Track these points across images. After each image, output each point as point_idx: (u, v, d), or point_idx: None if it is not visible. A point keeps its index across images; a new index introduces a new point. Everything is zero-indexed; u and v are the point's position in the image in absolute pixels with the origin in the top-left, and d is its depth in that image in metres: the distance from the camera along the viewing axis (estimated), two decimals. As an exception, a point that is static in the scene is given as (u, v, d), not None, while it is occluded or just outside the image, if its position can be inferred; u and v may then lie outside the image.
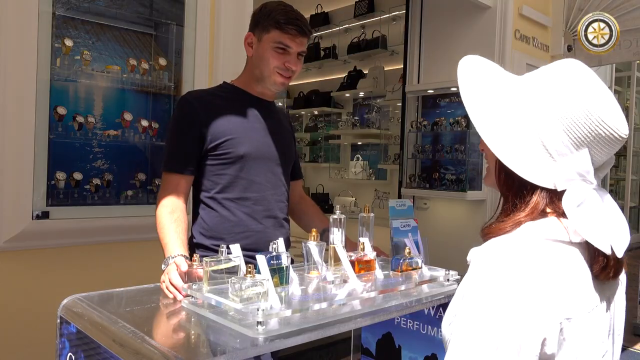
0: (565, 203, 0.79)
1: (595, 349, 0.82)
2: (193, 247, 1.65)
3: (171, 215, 1.52)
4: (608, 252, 0.78)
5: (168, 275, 1.30)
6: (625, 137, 0.81)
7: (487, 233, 0.86)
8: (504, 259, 0.77)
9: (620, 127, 0.80)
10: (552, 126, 0.80)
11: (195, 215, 1.67)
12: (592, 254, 0.82)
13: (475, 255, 0.81)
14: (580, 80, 0.81)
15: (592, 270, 0.82)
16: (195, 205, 1.66)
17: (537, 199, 0.82)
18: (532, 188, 0.83)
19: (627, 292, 0.93)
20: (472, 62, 0.92)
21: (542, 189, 0.82)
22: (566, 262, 0.79)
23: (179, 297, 1.24)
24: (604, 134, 0.79)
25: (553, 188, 0.81)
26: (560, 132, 0.80)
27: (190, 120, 1.59)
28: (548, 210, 0.83)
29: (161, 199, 1.56)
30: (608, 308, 0.86)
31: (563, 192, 0.81)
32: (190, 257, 1.35)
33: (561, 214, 0.81)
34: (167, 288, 1.29)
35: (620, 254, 0.79)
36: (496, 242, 0.81)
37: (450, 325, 0.87)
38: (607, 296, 0.86)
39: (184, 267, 1.28)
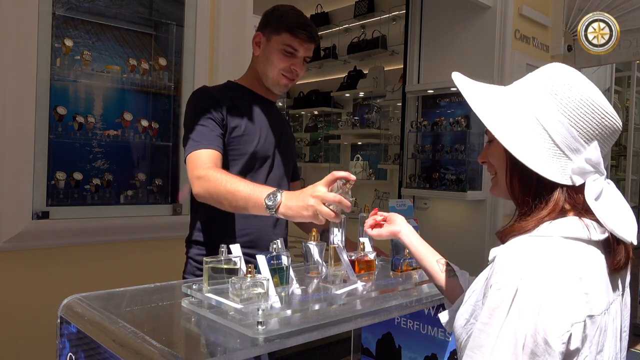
0: (588, 197, 0.82)
1: (612, 345, 0.84)
2: (191, 244, 1.65)
3: (225, 174, 1.38)
4: (629, 240, 0.82)
5: (320, 203, 1.13)
6: (621, 126, 0.86)
7: (507, 233, 0.87)
8: (531, 258, 0.77)
9: (617, 117, 0.85)
10: (560, 122, 0.83)
11: (195, 210, 1.66)
12: (610, 248, 0.84)
13: (499, 254, 0.81)
14: (577, 78, 0.85)
15: (609, 266, 0.84)
16: (196, 201, 1.65)
17: (557, 196, 0.84)
18: (551, 187, 0.84)
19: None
20: (464, 79, 0.95)
21: (561, 186, 0.84)
22: (588, 260, 0.81)
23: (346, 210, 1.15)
24: (608, 125, 0.84)
25: (571, 184, 0.84)
26: (569, 127, 0.83)
27: (215, 108, 1.55)
28: (567, 207, 0.84)
29: (201, 170, 1.40)
30: (619, 304, 0.88)
31: (579, 187, 0.84)
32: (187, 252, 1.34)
33: (580, 211, 0.83)
34: (327, 206, 1.14)
35: (635, 240, 0.83)
36: (520, 241, 0.82)
37: (466, 326, 0.87)
38: (619, 291, 0.88)
39: (342, 173, 1.15)
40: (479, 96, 0.91)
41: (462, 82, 0.94)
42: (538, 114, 0.84)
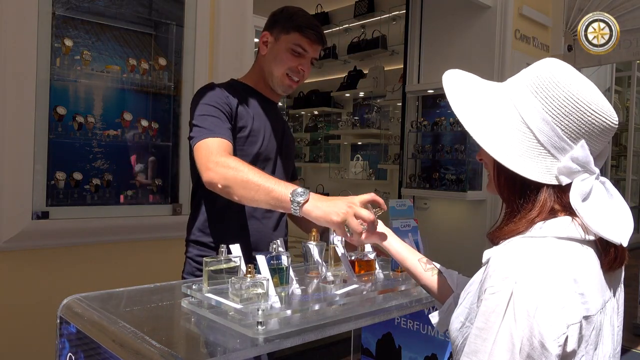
0: (573, 199, 0.81)
1: (609, 342, 0.84)
2: (192, 244, 1.65)
3: (244, 162, 1.33)
4: (617, 242, 0.80)
5: (352, 215, 1.13)
6: (617, 123, 0.83)
7: (497, 236, 0.86)
8: (526, 260, 0.77)
9: (610, 114, 0.82)
10: (544, 120, 0.82)
11: (195, 210, 1.66)
12: (602, 248, 0.83)
13: (494, 256, 0.80)
14: (564, 74, 0.83)
15: (602, 265, 0.83)
16: (197, 200, 1.65)
17: (544, 196, 0.83)
18: (537, 187, 0.83)
19: (626, 292, 0.94)
20: (454, 75, 0.94)
21: (547, 186, 0.83)
22: (582, 260, 0.80)
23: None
24: (596, 122, 0.81)
25: (557, 184, 0.82)
26: (553, 126, 0.81)
27: (226, 103, 1.53)
28: (557, 207, 0.83)
29: (218, 157, 1.35)
30: (615, 302, 0.88)
31: (567, 186, 0.82)
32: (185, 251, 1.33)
33: (570, 211, 0.82)
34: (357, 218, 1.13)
35: (626, 242, 0.81)
36: (514, 243, 0.81)
37: (462, 329, 0.87)
38: (614, 289, 0.87)
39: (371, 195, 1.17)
40: (463, 94, 0.90)
41: (450, 81, 0.92)
42: (523, 112, 0.83)
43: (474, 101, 0.89)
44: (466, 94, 0.91)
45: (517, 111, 0.84)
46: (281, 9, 1.68)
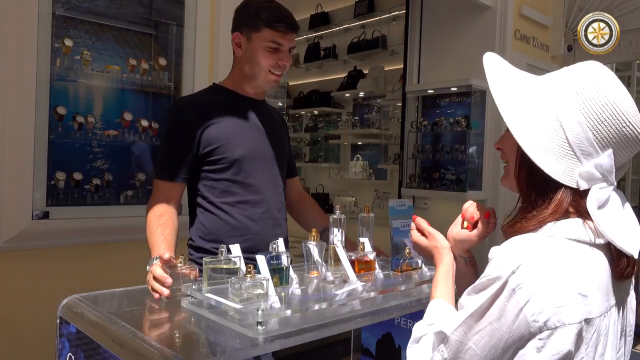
0: (589, 204, 0.80)
1: (611, 350, 0.83)
2: (192, 250, 1.65)
3: (159, 219, 1.52)
4: (630, 253, 0.80)
5: (152, 272, 1.28)
6: None
7: (510, 232, 0.86)
8: (527, 254, 0.77)
9: None
10: (578, 122, 0.81)
11: (192, 218, 1.66)
12: (614, 255, 0.83)
13: (495, 249, 0.81)
14: (607, 80, 0.82)
15: (613, 272, 0.83)
16: (193, 209, 1.66)
17: (561, 196, 0.82)
18: (556, 186, 0.83)
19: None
20: (497, 60, 0.93)
21: (566, 187, 0.82)
22: (589, 263, 0.80)
23: (165, 291, 1.22)
24: (629, 134, 0.80)
25: (576, 187, 0.82)
26: (586, 129, 0.80)
27: (182, 127, 1.57)
28: (570, 210, 0.83)
29: (151, 205, 1.56)
30: (622, 309, 0.87)
31: (584, 191, 0.82)
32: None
33: (583, 215, 0.82)
34: (150, 285, 1.27)
35: (636, 254, 0.81)
36: (520, 239, 0.81)
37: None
38: (622, 296, 0.87)
39: (166, 255, 1.27)
40: (503, 84, 0.89)
41: (490, 67, 0.91)
42: (559, 111, 0.82)
43: (512, 89, 0.88)
44: (506, 80, 0.90)
45: (553, 108, 0.83)
46: (243, 5, 1.63)
